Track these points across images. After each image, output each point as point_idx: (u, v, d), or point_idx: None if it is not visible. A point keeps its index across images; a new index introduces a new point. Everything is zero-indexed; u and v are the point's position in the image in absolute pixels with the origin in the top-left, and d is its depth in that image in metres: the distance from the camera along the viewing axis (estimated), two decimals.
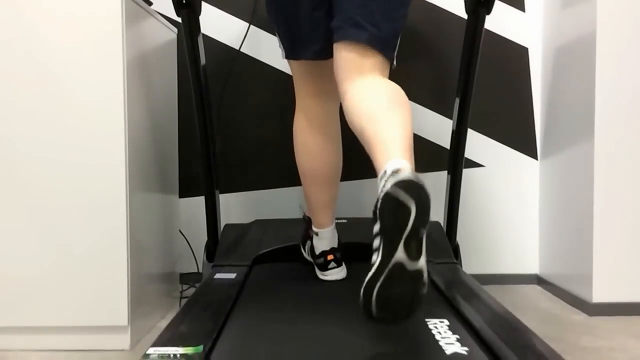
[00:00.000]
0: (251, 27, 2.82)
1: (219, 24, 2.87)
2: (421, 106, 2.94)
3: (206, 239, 2.47)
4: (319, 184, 2.02)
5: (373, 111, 1.52)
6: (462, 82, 2.36)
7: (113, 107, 2.02)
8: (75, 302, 2.05)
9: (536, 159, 2.99)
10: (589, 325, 2.34)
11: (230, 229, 2.53)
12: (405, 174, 1.28)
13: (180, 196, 2.88)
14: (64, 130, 2.02)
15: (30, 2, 2.02)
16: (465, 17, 2.34)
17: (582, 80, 2.52)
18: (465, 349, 1.37)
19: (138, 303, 2.15)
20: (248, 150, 2.92)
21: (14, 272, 2.04)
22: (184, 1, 2.19)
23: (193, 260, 2.86)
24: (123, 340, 2.07)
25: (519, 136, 2.98)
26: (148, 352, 1.33)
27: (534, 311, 2.55)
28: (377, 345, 1.45)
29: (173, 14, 2.26)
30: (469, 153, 2.81)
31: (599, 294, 2.44)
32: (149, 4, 2.41)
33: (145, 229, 2.28)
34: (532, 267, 3.01)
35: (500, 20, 2.91)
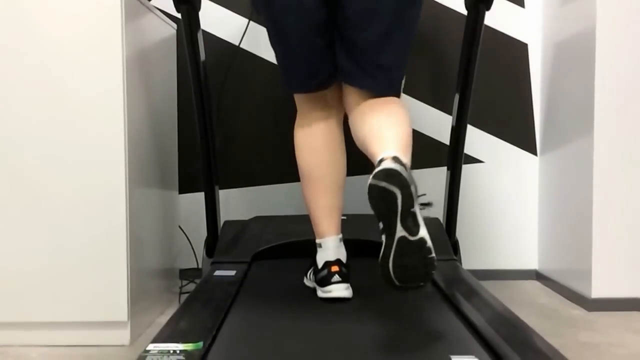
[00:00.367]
0: (251, 23, 2.82)
1: (218, 20, 2.87)
2: (421, 102, 2.95)
3: (206, 235, 2.47)
4: (322, 186, 1.88)
5: (375, 124, 1.68)
6: (462, 78, 2.36)
7: (112, 103, 2.02)
8: (75, 298, 2.05)
9: (535, 154, 2.99)
10: (588, 320, 2.35)
11: (229, 225, 2.54)
12: (385, 164, 1.44)
13: (180, 192, 2.89)
14: (64, 126, 2.02)
15: None
16: (465, 13, 2.35)
17: (582, 76, 2.52)
18: None
19: (138, 298, 2.15)
20: (247, 146, 2.92)
21: (14, 267, 2.04)
22: None
23: (193, 256, 2.86)
24: (123, 336, 2.07)
25: (519, 132, 2.98)
26: (148, 348, 1.33)
27: (533, 307, 2.55)
28: (377, 342, 1.46)
29: (173, 10, 2.26)
30: (469, 149, 2.81)
31: (598, 290, 2.44)
32: None
33: (145, 225, 2.29)
34: (531, 262, 3.01)
35: (500, 16, 2.91)
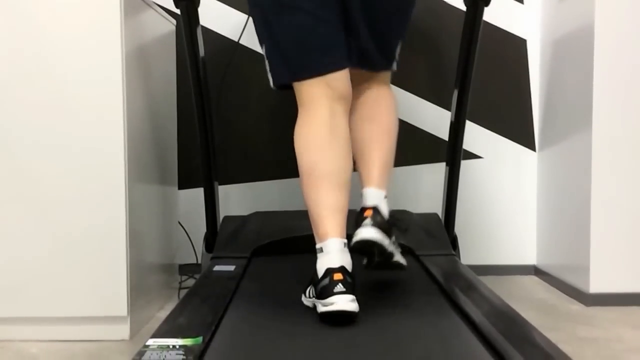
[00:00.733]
0: (250, 18, 2.82)
1: (218, 16, 2.87)
2: (420, 98, 2.95)
3: (205, 230, 2.48)
4: (325, 184, 1.68)
5: (364, 144, 1.87)
6: (461, 74, 2.37)
7: (112, 99, 2.02)
8: (75, 293, 2.05)
9: (534, 150, 2.99)
10: (586, 315, 2.35)
11: (229, 220, 2.54)
12: (364, 233, 1.71)
13: (180, 188, 2.89)
14: (63, 121, 2.02)
15: None
16: (464, 9, 2.35)
17: (580, 72, 2.53)
18: None
19: (137, 294, 2.16)
20: (247, 142, 2.92)
21: (14, 263, 2.05)
22: None
23: (192, 251, 2.87)
24: (122, 331, 2.08)
25: (517, 128, 2.99)
26: (147, 343, 1.34)
27: (532, 302, 2.56)
28: (376, 336, 1.46)
29: (172, 6, 2.26)
30: (467, 145, 2.81)
31: (596, 285, 2.45)
32: None
33: (145, 220, 2.29)
34: (529, 258, 3.02)
35: (499, 12, 2.91)
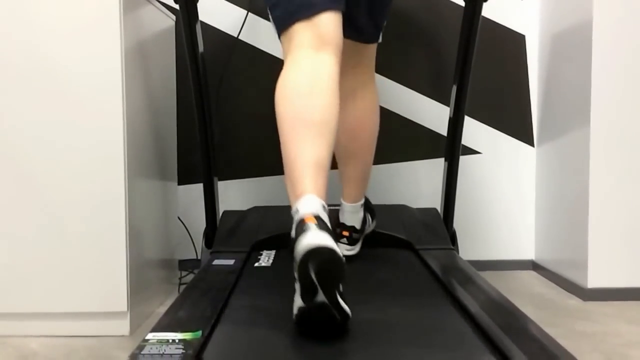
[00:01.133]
0: (249, 14, 2.82)
1: (217, 12, 2.87)
2: (418, 93, 2.95)
3: (205, 225, 2.48)
4: (306, 135, 1.49)
5: (343, 145, 2.02)
6: (459, 69, 2.37)
7: (111, 95, 2.02)
8: (74, 289, 2.06)
9: (532, 146, 3.00)
10: (584, 310, 2.36)
11: (228, 215, 2.54)
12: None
13: (179, 183, 2.89)
14: (62, 117, 2.03)
15: None
16: (463, 4, 2.35)
17: (579, 68, 2.53)
18: None
19: (137, 289, 2.17)
20: (246, 138, 2.93)
21: (13, 258, 2.06)
22: None
23: (192, 246, 2.87)
24: (122, 326, 2.09)
25: (516, 123, 2.99)
26: (147, 337, 1.34)
27: (530, 296, 2.57)
28: (374, 330, 1.46)
29: (171, 1, 2.27)
30: (466, 140, 2.82)
31: (594, 280, 2.46)
32: None
33: (144, 216, 2.29)
34: (527, 253, 3.03)
35: (498, 7, 2.91)
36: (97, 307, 2.07)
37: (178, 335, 1.35)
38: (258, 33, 2.88)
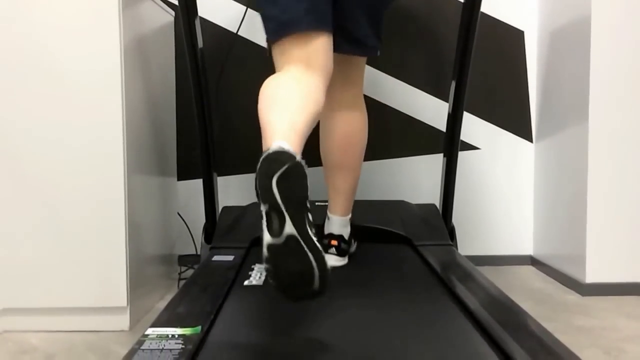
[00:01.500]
0: (248, 10, 2.82)
1: (216, 7, 2.87)
2: (417, 89, 2.95)
3: (204, 221, 2.49)
4: (281, 106, 1.51)
5: (333, 156, 2.01)
6: (458, 65, 2.37)
7: (110, 91, 2.02)
8: (74, 284, 2.07)
9: (531, 141, 3.00)
10: (582, 305, 2.37)
11: (228, 211, 2.54)
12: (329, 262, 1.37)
13: (179, 179, 2.90)
14: (62, 113, 2.03)
15: None
16: (462, 0, 2.35)
17: (577, 64, 2.53)
18: None
19: (137, 284, 2.17)
20: (246, 133, 2.93)
21: (13, 254, 2.06)
22: None
23: (191, 242, 2.88)
24: (122, 321, 2.09)
25: (515, 119, 3.00)
26: (147, 332, 1.34)
27: (528, 291, 2.57)
28: (373, 325, 1.47)
29: None
30: (465, 136, 2.83)
31: (592, 275, 2.46)
32: None
33: (144, 211, 2.30)
34: (526, 248, 3.04)
35: (496, 3, 2.92)
36: (96, 302, 2.08)
37: (177, 331, 1.35)
38: (257, 29, 2.86)
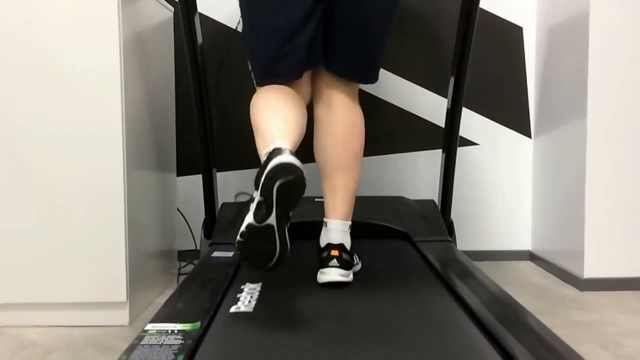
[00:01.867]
0: None
1: (215, 3, 2.87)
2: (417, 85, 2.96)
3: (204, 216, 2.49)
4: (273, 110, 1.64)
5: (329, 156, 1.86)
6: (457, 61, 2.37)
7: (110, 87, 2.03)
8: (74, 279, 2.07)
9: (530, 137, 3.01)
10: (580, 300, 2.38)
11: (227, 207, 2.55)
12: (331, 276, 1.74)
13: (178, 174, 2.90)
14: (61, 110, 2.03)
15: None
16: None
17: (576, 59, 2.54)
18: None
19: (137, 279, 2.18)
20: (245, 129, 2.92)
21: (13, 249, 2.07)
22: None
23: (191, 237, 2.88)
24: (122, 316, 2.10)
25: (513, 115, 3.00)
26: (146, 328, 1.35)
27: (527, 286, 2.58)
28: (372, 321, 1.48)
29: None
30: (464, 131, 2.83)
31: (590, 270, 2.47)
32: None
33: (143, 207, 2.30)
34: (524, 243, 3.04)
35: None
36: (96, 297, 2.08)
37: (177, 326, 1.36)
38: None
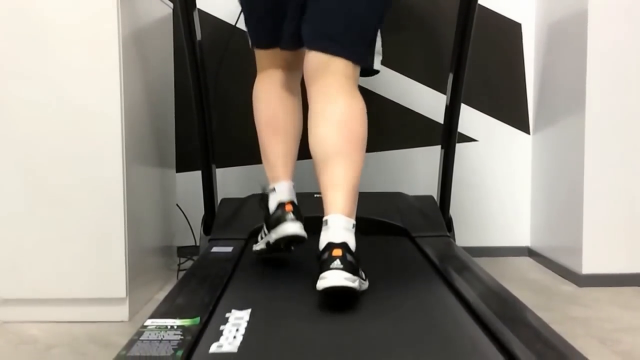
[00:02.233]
0: None
1: None
2: (415, 81, 2.96)
3: (203, 212, 2.49)
4: (276, 133, 1.91)
5: (326, 145, 1.64)
6: (456, 57, 2.37)
7: (109, 83, 2.03)
8: (74, 275, 2.08)
9: (528, 133, 3.01)
10: (579, 295, 2.39)
11: (226, 202, 2.55)
12: (332, 279, 1.45)
13: (178, 171, 2.90)
14: (61, 106, 2.03)
15: None
16: None
17: (574, 56, 2.54)
18: None
19: (136, 275, 2.18)
20: (244, 125, 2.92)
21: (13, 245, 2.07)
22: None
23: (190, 233, 2.89)
24: (121, 312, 2.11)
25: (512, 111, 3.01)
26: (146, 323, 1.35)
27: (525, 282, 2.59)
28: (371, 316, 1.48)
29: None
30: (462, 128, 2.84)
31: (588, 266, 2.48)
32: None
33: (143, 203, 2.31)
34: (523, 239, 3.05)
35: None
36: (96, 293, 2.09)
37: (176, 322, 1.36)
38: None
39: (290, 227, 1.76)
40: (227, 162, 2.96)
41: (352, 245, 1.53)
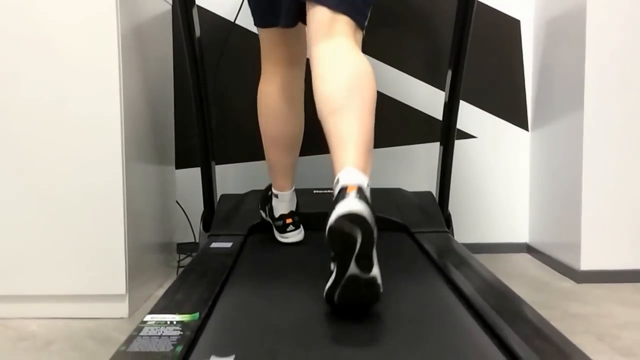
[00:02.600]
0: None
1: None
2: (414, 78, 2.96)
3: (203, 209, 2.50)
4: (280, 148, 2.10)
5: (334, 100, 1.50)
6: (455, 54, 2.38)
7: (108, 80, 2.03)
8: (74, 271, 2.08)
9: (527, 130, 3.01)
10: (577, 292, 2.39)
11: (226, 199, 2.55)
12: (348, 205, 1.28)
13: (177, 167, 2.91)
14: (60, 103, 2.04)
15: None
16: None
17: (573, 52, 2.54)
18: None
19: (136, 272, 2.19)
20: (243, 122, 2.93)
21: (13, 241, 2.07)
22: None
23: (190, 230, 2.89)
24: (121, 308, 2.11)
25: (511, 108, 3.01)
26: (145, 319, 1.35)
27: (524, 279, 2.59)
28: (371, 315, 1.48)
29: None
30: (461, 124, 2.84)
31: (587, 262, 2.48)
32: None
33: (142, 200, 2.31)
34: (522, 236, 3.05)
35: None
36: (96, 289, 2.09)
37: (176, 317, 1.36)
38: None
39: (290, 237, 2.17)
40: (227, 158, 2.96)
41: (369, 196, 1.36)
